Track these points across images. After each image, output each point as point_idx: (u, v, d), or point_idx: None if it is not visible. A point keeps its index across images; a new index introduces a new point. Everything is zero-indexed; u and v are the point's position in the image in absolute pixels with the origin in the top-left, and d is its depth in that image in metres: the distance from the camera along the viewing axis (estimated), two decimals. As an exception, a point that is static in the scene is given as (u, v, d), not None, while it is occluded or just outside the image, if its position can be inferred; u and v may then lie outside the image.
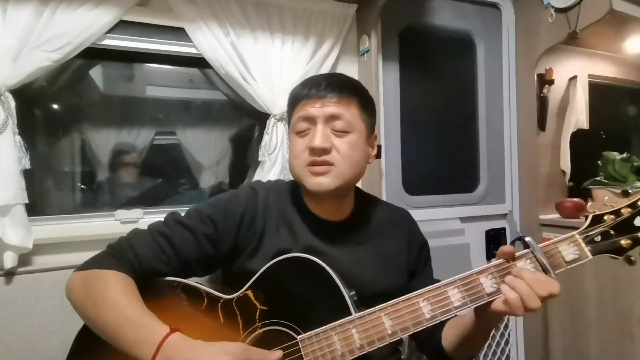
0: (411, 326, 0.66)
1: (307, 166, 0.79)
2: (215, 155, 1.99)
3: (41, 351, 0.93)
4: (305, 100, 0.80)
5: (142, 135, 1.75)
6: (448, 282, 0.67)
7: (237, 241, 0.81)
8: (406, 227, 0.95)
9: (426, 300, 0.67)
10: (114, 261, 0.72)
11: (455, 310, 0.66)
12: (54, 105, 1.33)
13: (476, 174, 1.66)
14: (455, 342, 0.81)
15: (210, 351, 0.62)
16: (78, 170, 1.49)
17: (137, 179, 1.62)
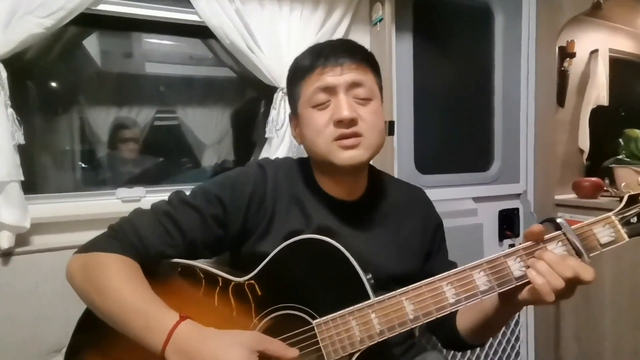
0: (434, 311, 0.62)
1: (335, 141, 0.73)
2: (218, 133, 1.93)
3: (42, 336, 0.90)
4: (320, 68, 0.73)
5: (142, 114, 1.69)
6: (473, 266, 0.62)
7: (246, 222, 0.76)
8: (422, 206, 0.90)
9: (450, 284, 0.62)
10: (116, 244, 0.67)
11: (481, 295, 0.61)
12: (49, 79, 1.27)
13: (490, 153, 1.60)
14: (473, 327, 0.77)
15: (223, 341, 0.57)
16: (76, 146, 1.44)
17: (138, 156, 1.57)
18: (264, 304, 0.67)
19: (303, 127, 0.78)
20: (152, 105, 1.67)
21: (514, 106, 1.61)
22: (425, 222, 0.88)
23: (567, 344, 1.57)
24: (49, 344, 0.90)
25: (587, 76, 1.77)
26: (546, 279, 0.58)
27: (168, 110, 1.86)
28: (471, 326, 0.77)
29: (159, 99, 1.67)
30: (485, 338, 0.81)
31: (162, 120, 1.81)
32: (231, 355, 0.56)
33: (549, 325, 1.61)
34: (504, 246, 1.61)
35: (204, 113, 1.93)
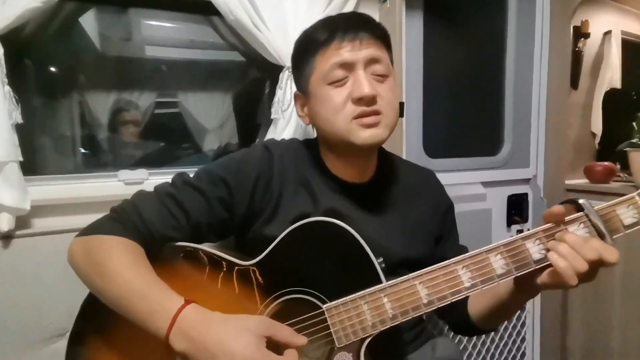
0: (449, 295, 0.59)
1: (355, 119, 0.69)
2: (220, 118, 1.90)
3: (45, 319, 0.88)
4: (337, 42, 0.69)
5: (142, 98, 1.66)
6: (490, 249, 0.60)
7: (252, 206, 0.73)
8: (433, 189, 0.88)
9: (465, 267, 0.60)
10: (118, 226, 0.65)
11: (498, 278, 0.59)
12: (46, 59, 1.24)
13: (500, 136, 1.56)
14: (485, 311, 0.75)
15: (230, 326, 0.55)
16: (76, 127, 1.41)
17: (139, 140, 1.55)
18: (271, 287, 0.65)
19: (317, 105, 0.73)
20: (153, 89, 1.64)
21: (526, 88, 1.57)
22: (436, 205, 0.85)
23: (574, 332, 1.56)
24: (53, 328, 0.89)
25: (601, 58, 1.71)
26: (569, 262, 0.55)
27: (169, 94, 1.82)
28: (484, 311, 0.75)
29: (160, 83, 1.64)
30: (498, 323, 0.79)
31: (162, 104, 1.78)
32: (238, 341, 0.53)
33: (556, 312, 1.60)
34: (511, 232, 1.58)
35: (205, 97, 1.89)
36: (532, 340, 1.63)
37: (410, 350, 0.82)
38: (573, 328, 1.56)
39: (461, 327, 0.83)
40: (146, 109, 1.67)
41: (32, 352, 0.88)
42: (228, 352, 0.53)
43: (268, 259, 0.66)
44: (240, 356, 0.52)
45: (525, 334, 1.61)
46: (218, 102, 1.90)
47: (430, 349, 0.84)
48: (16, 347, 0.87)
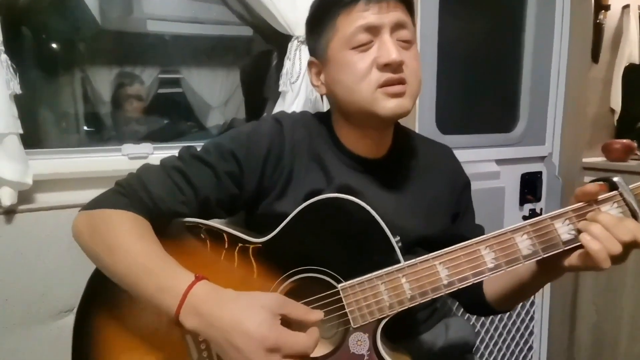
0: (471, 276, 0.57)
1: (380, 88, 0.65)
2: (224, 94, 1.85)
3: (51, 295, 0.87)
4: (363, 4, 0.64)
5: (145, 74, 1.63)
6: (515, 228, 0.57)
7: (262, 181, 0.70)
8: (450, 165, 0.84)
9: (489, 247, 0.57)
10: (124, 200, 0.62)
11: (524, 260, 0.56)
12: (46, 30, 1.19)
13: (516, 112, 1.51)
14: (503, 292, 0.72)
15: (243, 303, 0.52)
16: (78, 102, 1.38)
17: (142, 116, 1.51)
18: (283, 266, 0.62)
19: (337, 72, 0.68)
20: (155, 65, 1.60)
21: (545, 62, 1.50)
22: (454, 182, 0.82)
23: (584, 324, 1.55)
24: (59, 304, 0.88)
25: (620, 32, 1.64)
26: (602, 244, 0.52)
27: (172, 70, 1.78)
28: (502, 292, 0.72)
29: (162, 59, 1.60)
30: (515, 304, 0.77)
31: (165, 84, 1.74)
32: (252, 318, 0.51)
33: (565, 296, 1.58)
34: (524, 211, 1.55)
35: (209, 74, 1.84)
36: (539, 335, 1.62)
37: (423, 330, 0.80)
38: (582, 322, 1.55)
39: (475, 306, 0.81)
40: (149, 88, 1.64)
41: (39, 328, 0.87)
42: (242, 329, 0.50)
43: (280, 237, 0.63)
44: (254, 334, 0.50)
45: (534, 328, 1.60)
46: (222, 79, 1.85)
47: (444, 329, 0.82)
48: (23, 323, 0.86)
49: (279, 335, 0.50)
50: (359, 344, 0.59)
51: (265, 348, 0.49)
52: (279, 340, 0.50)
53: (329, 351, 0.61)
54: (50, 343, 0.87)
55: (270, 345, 0.49)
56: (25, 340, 0.86)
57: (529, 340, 1.60)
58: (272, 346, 0.49)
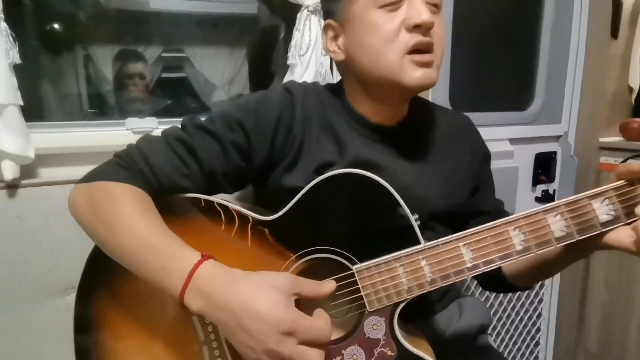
0: (497, 259, 0.53)
1: (409, 54, 0.60)
2: (228, 73, 1.80)
3: (57, 270, 0.86)
4: None
5: (148, 53, 1.58)
6: (548, 208, 0.53)
7: (272, 153, 0.66)
8: (470, 135, 0.80)
9: (518, 229, 0.53)
10: (123, 173, 0.58)
11: (556, 242, 0.53)
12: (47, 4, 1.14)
13: (531, 89, 1.45)
14: (526, 271, 0.69)
15: (253, 284, 0.49)
16: (81, 79, 1.34)
17: (145, 95, 1.47)
18: (294, 246, 0.59)
19: (362, 33, 0.62)
20: (158, 43, 1.55)
21: (564, 37, 1.43)
22: (474, 153, 0.78)
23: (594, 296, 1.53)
24: (65, 280, 0.87)
25: (638, 8, 1.56)
26: None
27: (175, 49, 1.73)
28: (524, 270, 0.69)
29: (165, 37, 1.54)
30: (537, 282, 0.74)
31: (168, 59, 1.69)
32: (264, 299, 0.48)
33: (576, 277, 1.56)
34: (536, 192, 1.52)
35: (213, 52, 1.79)
36: (547, 317, 1.61)
37: (437, 309, 0.78)
38: (592, 304, 1.53)
39: (492, 284, 0.78)
40: (154, 69, 1.59)
41: (46, 304, 0.86)
42: (253, 312, 0.47)
43: (291, 214, 0.60)
44: (267, 316, 0.47)
45: (542, 310, 1.58)
46: (226, 57, 1.79)
47: (457, 309, 0.80)
48: (30, 299, 0.85)
49: (295, 319, 0.47)
50: (374, 328, 0.57)
51: (280, 332, 0.46)
52: (294, 323, 0.47)
53: (342, 335, 0.59)
54: (57, 319, 0.86)
55: (286, 329, 0.46)
56: (32, 316, 0.85)
57: (537, 323, 1.59)
58: (288, 330, 0.46)
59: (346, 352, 0.57)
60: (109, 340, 0.61)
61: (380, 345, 0.56)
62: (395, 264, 0.55)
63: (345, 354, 0.57)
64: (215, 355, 0.58)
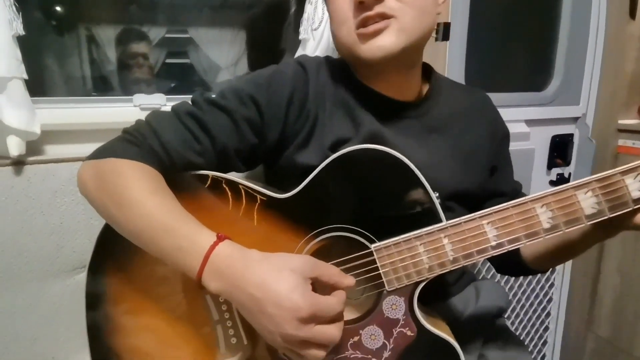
0: (523, 237, 0.51)
1: (358, 29, 0.59)
2: (233, 54, 1.77)
3: (66, 250, 0.84)
4: None
5: (151, 33, 1.54)
6: (578, 184, 0.50)
7: (285, 129, 0.64)
8: (489, 113, 0.77)
9: (546, 206, 0.51)
10: (133, 149, 0.56)
11: (587, 220, 0.50)
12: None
13: (550, 69, 1.40)
14: (545, 253, 0.67)
15: (271, 265, 0.48)
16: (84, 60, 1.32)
17: (149, 77, 1.44)
18: (310, 224, 0.57)
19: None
20: (162, 24, 1.51)
21: (584, 16, 1.37)
22: (493, 131, 0.75)
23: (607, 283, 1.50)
24: (75, 259, 0.85)
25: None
26: None
27: (179, 30, 1.69)
28: (544, 251, 0.67)
29: (169, 18, 1.50)
30: (556, 264, 0.72)
31: (172, 40, 1.66)
32: (282, 282, 0.46)
33: (589, 262, 1.53)
34: (551, 175, 1.48)
35: (217, 33, 1.75)
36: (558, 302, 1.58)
37: (454, 292, 0.76)
38: (604, 291, 1.50)
39: (508, 267, 0.76)
40: (158, 53, 1.56)
41: (56, 282, 0.85)
42: (271, 294, 0.46)
43: (306, 192, 0.58)
44: (285, 300, 0.45)
45: (553, 294, 1.56)
46: (231, 38, 1.75)
47: (474, 293, 0.78)
48: (40, 277, 0.83)
49: (313, 304, 0.46)
50: (393, 307, 0.55)
51: (299, 318, 0.45)
52: (312, 308, 0.46)
53: (360, 315, 0.57)
54: (68, 297, 0.85)
55: (305, 316, 0.45)
56: (42, 293, 0.84)
57: (547, 307, 1.57)
58: (307, 316, 0.45)
59: (364, 332, 0.55)
60: (120, 320, 0.60)
61: (400, 325, 0.54)
62: (416, 242, 0.53)
63: (363, 334, 0.55)
64: (229, 334, 0.56)
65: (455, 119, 0.72)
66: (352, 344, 0.55)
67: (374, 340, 0.55)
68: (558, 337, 1.63)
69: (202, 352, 0.58)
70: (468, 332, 0.70)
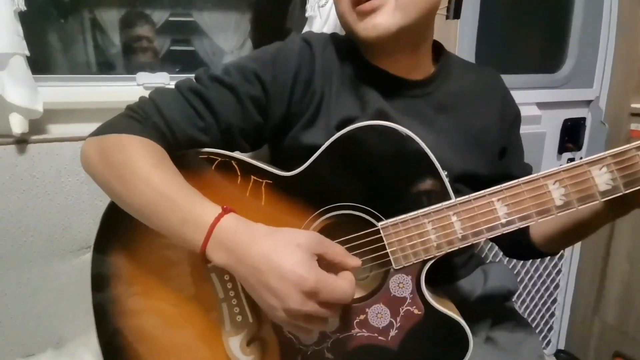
0: (534, 214, 0.50)
1: (355, 6, 0.58)
2: (237, 38, 1.74)
3: (71, 230, 0.84)
4: None
5: (155, 17, 1.52)
6: (592, 160, 0.48)
7: (290, 108, 0.62)
8: (499, 93, 0.75)
9: (559, 182, 0.49)
10: (137, 126, 0.55)
11: (600, 196, 0.48)
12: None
13: (564, 50, 1.36)
14: (555, 232, 0.66)
15: (276, 239, 0.47)
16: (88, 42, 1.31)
17: (153, 60, 1.43)
18: (316, 202, 0.56)
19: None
20: (165, 7, 1.49)
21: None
22: (503, 112, 0.73)
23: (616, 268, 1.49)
24: (79, 238, 0.85)
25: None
26: None
27: (182, 13, 1.67)
28: (554, 232, 0.66)
29: (172, 0, 1.48)
30: (567, 246, 0.70)
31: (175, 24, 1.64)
32: (288, 257, 0.45)
33: (598, 247, 1.51)
34: (562, 160, 1.45)
35: (221, 16, 1.72)
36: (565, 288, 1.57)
37: (461, 275, 0.75)
38: (613, 277, 1.48)
39: (518, 250, 0.75)
40: (162, 43, 1.54)
41: (62, 262, 0.85)
42: (276, 268, 0.45)
43: (312, 169, 0.56)
44: (290, 273, 0.44)
45: (560, 281, 1.54)
46: (235, 21, 1.72)
47: (482, 276, 0.77)
48: (45, 256, 0.84)
49: (318, 279, 0.45)
50: (400, 286, 0.54)
51: (303, 292, 0.44)
52: (318, 284, 0.45)
53: (366, 293, 0.56)
54: (74, 276, 0.86)
55: (309, 289, 0.44)
56: (48, 272, 0.84)
57: (554, 294, 1.56)
58: (310, 290, 0.44)
59: (370, 311, 0.54)
60: (126, 300, 0.60)
61: (407, 303, 0.53)
62: (424, 220, 0.52)
63: (370, 312, 0.54)
64: (235, 312, 0.56)
65: (465, 98, 0.70)
66: (358, 322, 0.55)
67: (381, 318, 0.54)
68: (564, 324, 1.62)
69: (208, 330, 0.57)
70: (476, 314, 0.69)
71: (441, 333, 0.54)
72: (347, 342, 0.55)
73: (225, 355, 0.56)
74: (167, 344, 0.59)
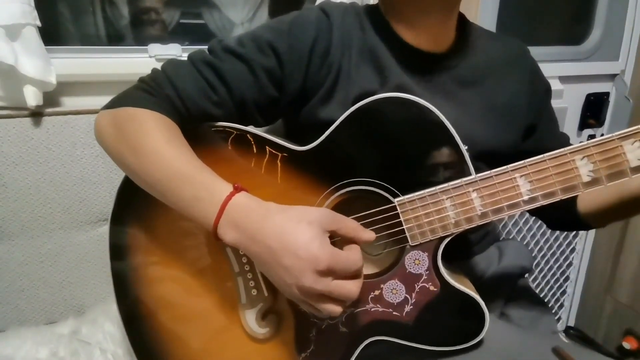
0: (559, 192, 0.48)
1: None
2: (248, 8, 1.69)
3: (88, 201, 0.86)
4: None
5: None
6: (624, 135, 0.46)
7: (306, 80, 0.60)
8: (528, 65, 0.71)
9: (587, 158, 0.47)
10: (150, 99, 0.54)
11: (632, 173, 0.46)
12: None
13: (590, 20, 1.29)
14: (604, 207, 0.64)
15: (289, 217, 0.46)
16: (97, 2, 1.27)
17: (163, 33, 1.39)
18: (331, 177, 0.55)
19: None
20: None
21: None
22: (533, 86, 0.69)
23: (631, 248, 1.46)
24: (97, 210, 0.87)
25: None
26: None
27: None
28: (603, 205, 0.63)
29: None
30: (616, 220, 0.67)
31: None
32: (300, 234, 0.45)
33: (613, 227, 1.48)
34: (582, 137, 1.41)
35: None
36: (578, 266, 1.55)
37: (477, 251, 0.74)
38: (628, 257, 1.46)
39: (563, 223, 0.74)
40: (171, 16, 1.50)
41: (80, 233, 0.87)
42: (289, 245, 0.45)
43: (327, 144, 0.55)
44: (303, 251, 0.44)
45: (573, 259, 1.53)
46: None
47: (497, 253, 0.76)
48: (64, 226, 0.85)
49: (331, 257, 0.45)
50: (416, 263, 0.53)
51: (317, 270, 0.44)
52: (331, 262, 0.44)
53: (381, 269, 0.56)
54: (92, 245, 0.88)
55: (323, 268, 0.44)
56: (67, 241, 0.86)
57: (567, 272, 1.55)
58: (325, 269, 0.44)
59: (385, 286, 0.54)
60: (144, 271, 0.60)
61: (422, 280, 0.53)
62: (443, 196, 0.51)
63: (385, 288, 0.54)
64: (250, 286, 0.56)
65: (490, 72, 0.67)
66: (373, 297, 0.55)
67: (396, 294, 0.54)
68: (575, 301, 1.62)
69: (224, 303, 0.58)
70: (490, 290, 0.68)
71: (457, 309, 0.54)
72: (361, 317, 0.55)
73: (242, 328, 0.57)
74: (185, 313, 0.60)
